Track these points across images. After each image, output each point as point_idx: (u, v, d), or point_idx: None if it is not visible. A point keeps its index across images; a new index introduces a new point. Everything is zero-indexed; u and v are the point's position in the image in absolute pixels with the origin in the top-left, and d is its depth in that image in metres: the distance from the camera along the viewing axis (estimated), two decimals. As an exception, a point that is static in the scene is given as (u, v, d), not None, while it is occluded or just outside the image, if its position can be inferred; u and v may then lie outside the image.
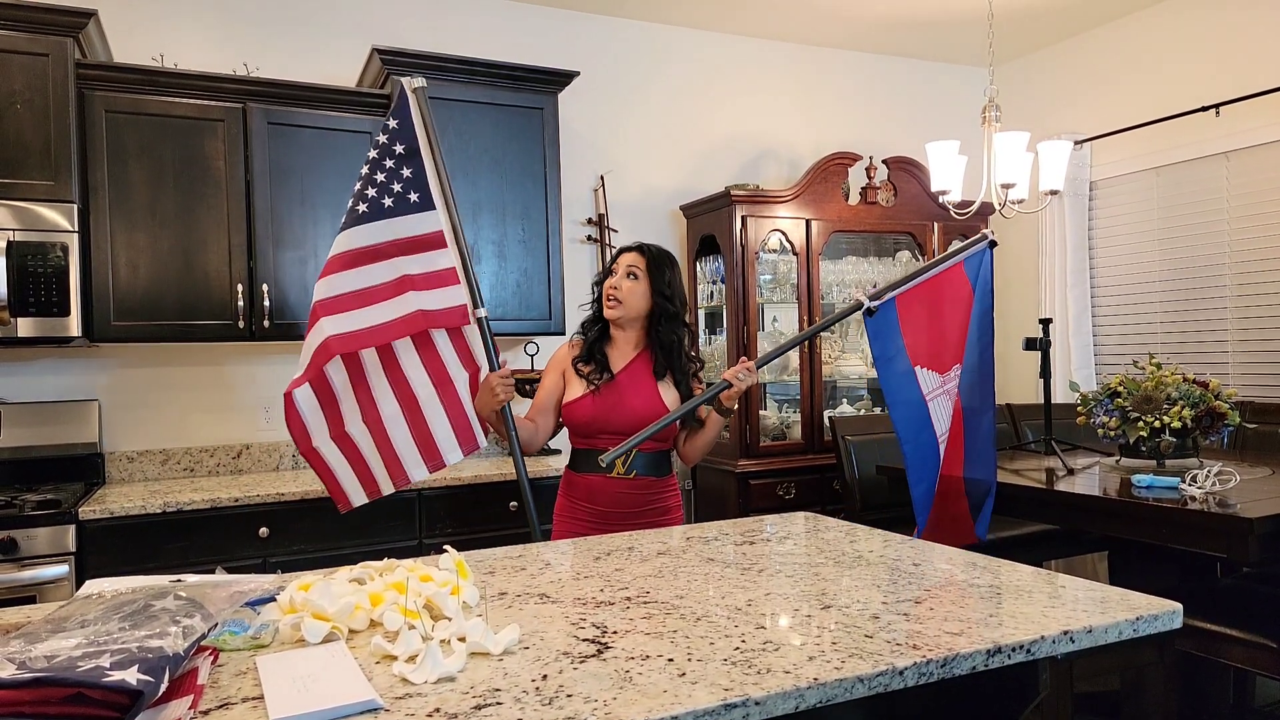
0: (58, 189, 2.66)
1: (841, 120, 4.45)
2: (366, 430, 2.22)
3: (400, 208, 2.17)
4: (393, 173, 2.18)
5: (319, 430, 2.18)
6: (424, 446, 2.20)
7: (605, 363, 2.23)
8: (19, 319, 2.61)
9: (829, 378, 4.04)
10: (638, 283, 2.21)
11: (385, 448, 2.22)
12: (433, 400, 2.19)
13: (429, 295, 2.16)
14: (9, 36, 2.61)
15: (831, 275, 4.03)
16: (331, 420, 2.20)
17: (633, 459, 2.19)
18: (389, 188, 2.17)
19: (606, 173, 3.89)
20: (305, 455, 2.21)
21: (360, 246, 2.16)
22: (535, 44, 3.75)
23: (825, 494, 3.80)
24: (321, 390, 2.17)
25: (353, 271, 2.16)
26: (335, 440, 2.20)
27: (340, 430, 2.21)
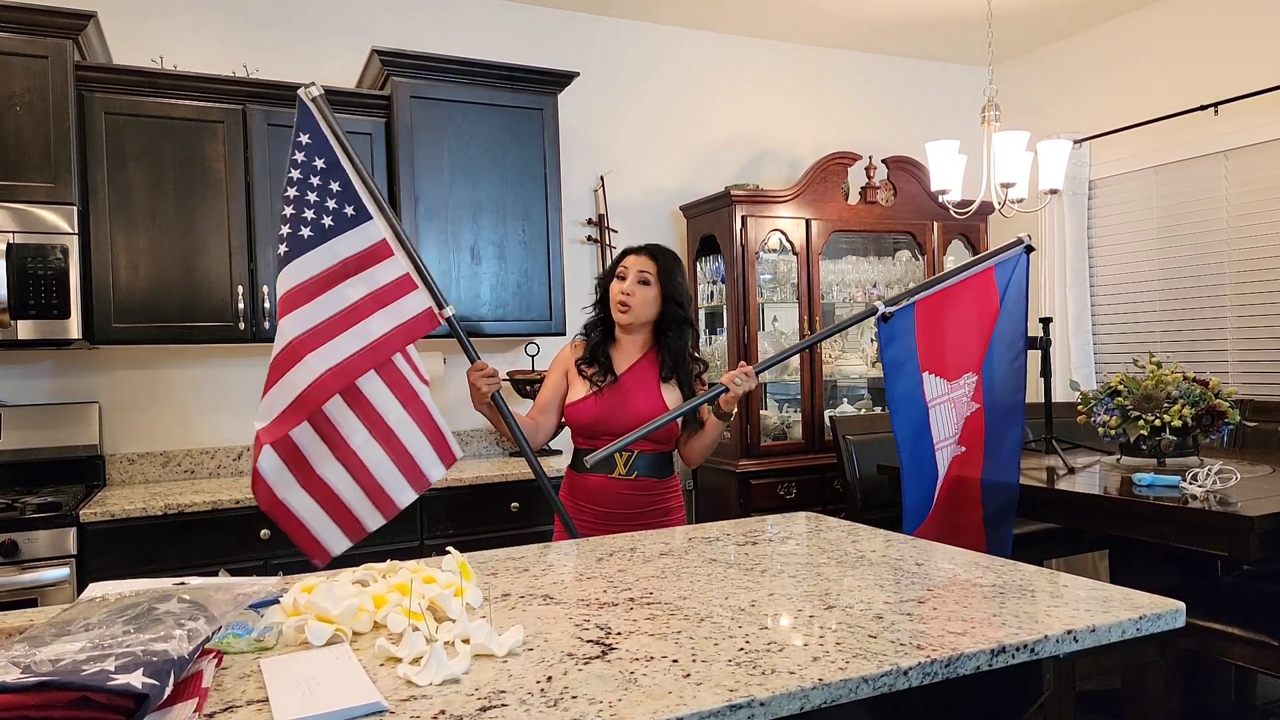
0: (57, 191, 2.66)
1: (841, 120, 4.45)
2: (342, 468, 2.03)
3: (340, 225, 2.00)
4: (322, 190, 2.01)
5: (284, 483, 1.99)
6: (406, 469, 2.08)
7: (609, 365, 2.23)
8: (19, 321, 2.61)
9: (829, 377, 4.04)
10: (649, 289, 2.20)
11: (366, 480, 2.05)
12: (404, 420, 2.06)
13: (393, 309, 2.02)
14: (8, 39, 2.61)
15: (831, 275, 4.03)
16: (297, 468, 2.01)
17: (634, 460, 2.19)
18: (324, 206, 2.00)
19: (606, 173, 3.89)
20: (268, 511, 2.00)
21: (313, 276, 1.98)
22: (535, 45, 3.75)
23: (826, 494, 3.80)
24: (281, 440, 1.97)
25: (316, 302, 1.97)
26: (305, 488, 2.01)
27: (309, 475, 2.02)
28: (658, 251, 2.24)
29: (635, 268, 2.20)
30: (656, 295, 2.20)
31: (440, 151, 3.21)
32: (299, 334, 1.96)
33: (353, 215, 2.03)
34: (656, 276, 2.20)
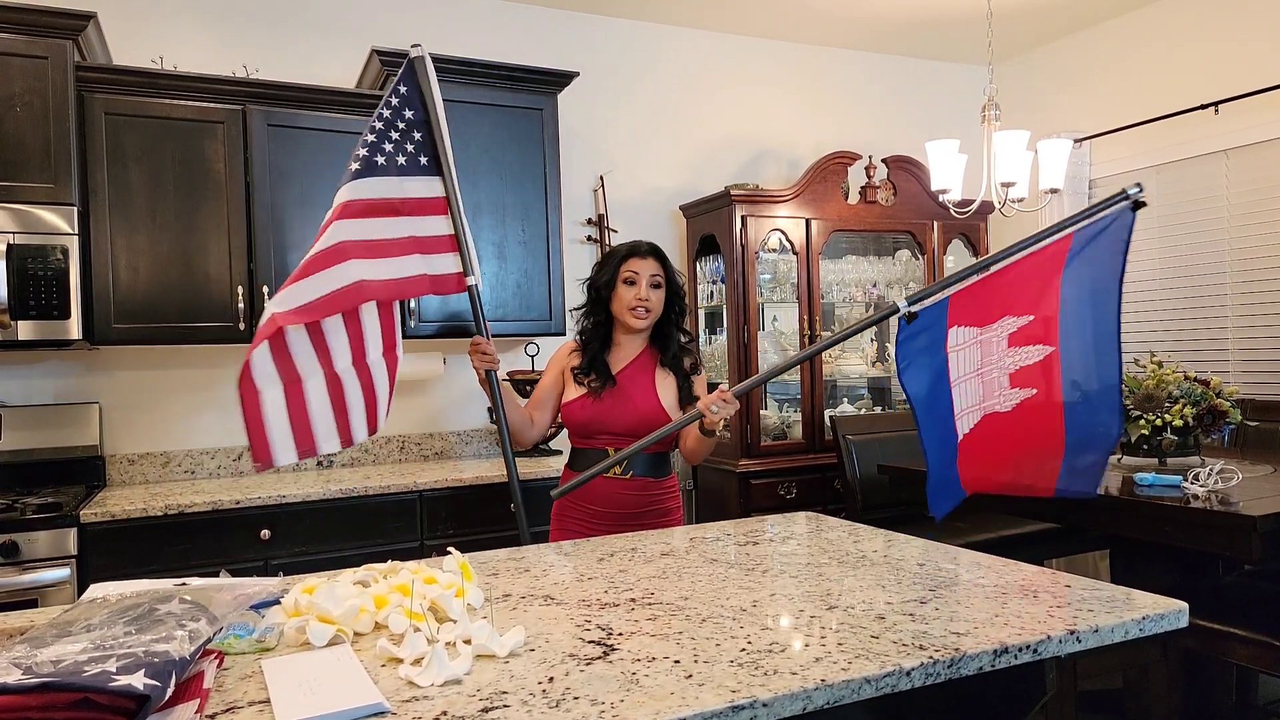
0: (57, 191, 2.66)
1: (841, 119, 4.45)
2: (323, 384, 2.10)
3: (412, 168, 2.23)
4: (405, 134, 2.23)
5: (266, 375, 2.01)
6: (369, 409, 2.20)
7: (606, 371, 2.23)
8: (19, 322, 2.60)
9: (829, 377, 4.04)
10: (660, 291, 2.23)
11: (338, 404, 2.14)
12: (379, 364, 2.21)
13: (430, 259, 2.22)
14: (8, 39, 2.60)
15: (831, 274, 4.03)
16: (283, 367, 2.03)
17: (630, 460, 2.18)
18: (404, 147, 2.22)
19: (606, 173, 3.89)
20: (242, 396, 1.99)
21: (378, 198, 2.16)
22: (535, 45, 3.75)
23: (827, 493, 3.80)
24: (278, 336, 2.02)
25: (372, 221, 2.14)
26: (284, 388, 2.04)
27: (292, 378, 2.05)
28: (660, 253, 2.27)
29: (647, 272, 2.21)
30: (663, 296, 2.24)
31: (440, 151, 3.20)
32: (351, 239, 2.09)
33: (425, 165, 2.25)
34: (665, 279, 2.24)
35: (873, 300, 4.14)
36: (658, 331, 2.27)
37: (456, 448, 3.55)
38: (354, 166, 2.17)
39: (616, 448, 2.16)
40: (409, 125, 2.24)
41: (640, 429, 2.13)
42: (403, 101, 2.25)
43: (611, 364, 2.25)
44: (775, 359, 3.97)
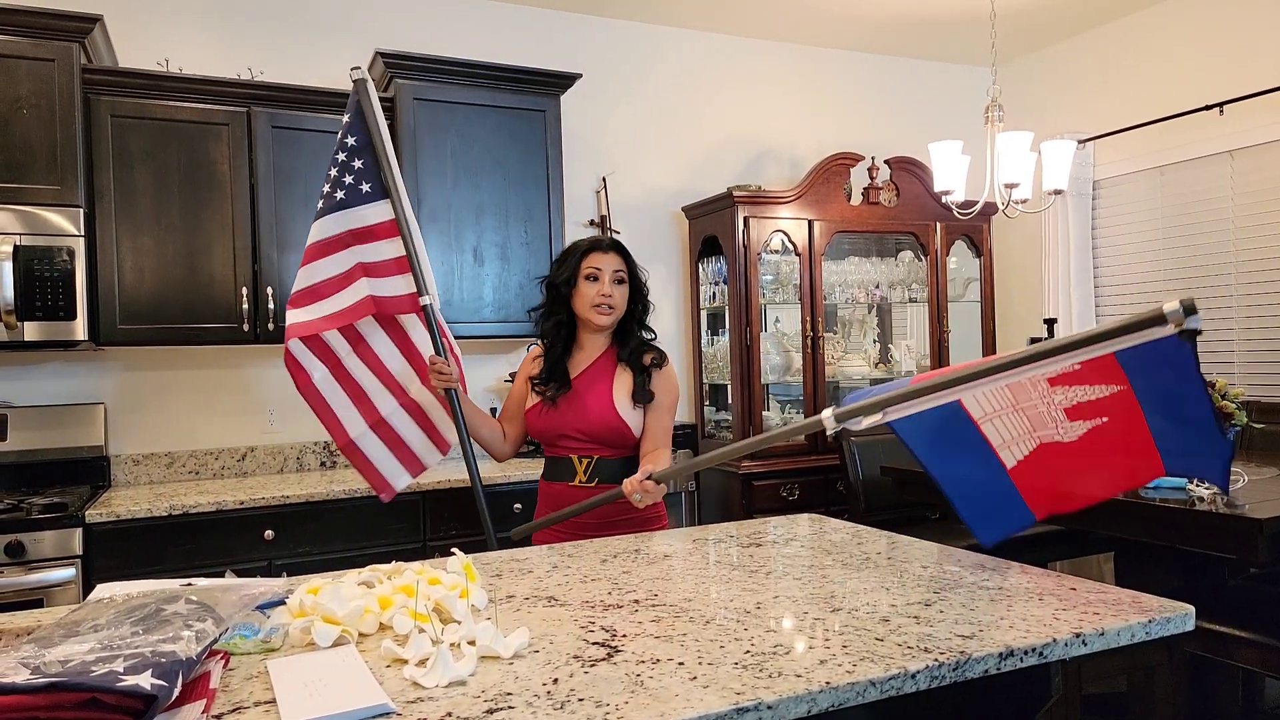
0: (64, 193, 2.67)
1: (843, 120, 4.45)
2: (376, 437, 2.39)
3: (352, 199, 2.25)
4: (344, 166, 2.26)
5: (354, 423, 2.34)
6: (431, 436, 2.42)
7: (564, 377, 2.15)
8: (25, 322, 2.61)
9: (831, 378, 4.04)
10: (624, 287, 2.15)
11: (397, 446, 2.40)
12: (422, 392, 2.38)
13: (380, 282, 2.26)
14: (15, 42, 2.61)
15: (834, 276, 4.03)
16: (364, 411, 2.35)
17: (593, 466, 2.12)
18: (342, 180, 2.26)
19: (608, 174, 3.89)
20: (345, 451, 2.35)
21: (322, 239, 2.26)
22: (537, 46, 3.75)
23: (829, 495, 3.80)
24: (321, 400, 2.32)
25: (319, 263, 2.25)
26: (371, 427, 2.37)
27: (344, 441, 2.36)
28: (623, 248, 2.18)
29: (610, 267, 2.12)
30: (626, 292, 2.16)
31: (443, 153, 3.21)
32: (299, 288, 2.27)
33: (367, 192, 2.26)
34: (628, 274, 2.16)
35: (875, 301, 4.14)
36: (619, 329, 2.18)
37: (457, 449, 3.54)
38: (319, 204, 2.29)
39: (580, 454, 2.12)
40: (350, 154, 2.27)
41: (596, 432, 2.10)
42: (346, 129, 2.28)
43: (573, 367, 2.17)
44: (778, 360, 3.97)
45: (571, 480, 2.14)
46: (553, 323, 2.18)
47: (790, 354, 3.98)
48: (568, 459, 2.15)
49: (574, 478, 2.14)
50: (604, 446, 2.12)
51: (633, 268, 2.17)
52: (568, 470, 2.15)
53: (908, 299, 4.17)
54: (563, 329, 2.18)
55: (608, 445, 2.12)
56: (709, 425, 4.11)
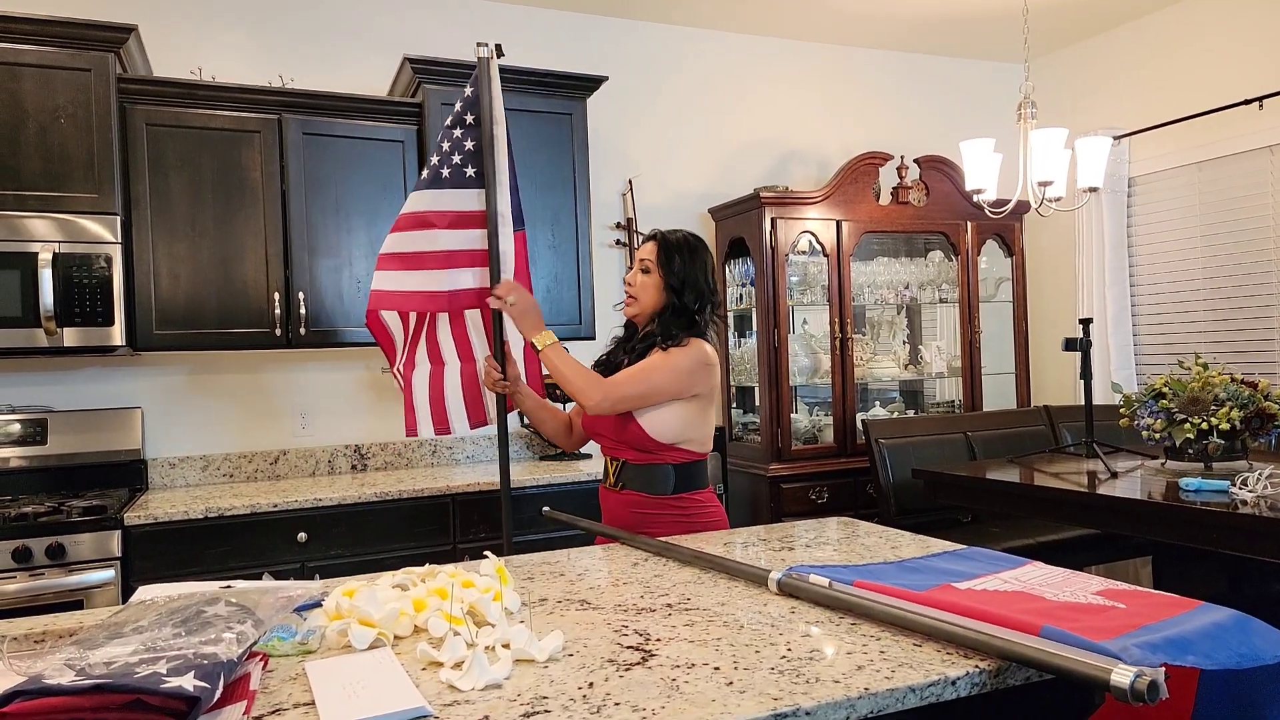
0: (101, 201, 2.72)
1: (871, 120, 4.42)
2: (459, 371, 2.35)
3: (455, 179, 2.19)
4: (458, 143, 2.20)
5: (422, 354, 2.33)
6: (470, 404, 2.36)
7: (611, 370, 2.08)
8: (65, 329, 2.67)
9: (860, 380, 4.00)
10: (650, 276, 2.03)
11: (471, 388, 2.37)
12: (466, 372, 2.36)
13: (479, 273, 2.23)
14: (52, 53, 2.67)
15: (863, 277, 4.00)
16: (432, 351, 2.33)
17: (620, 470, 2.05)
18: (450, 158, 2.19)
19: (635, 177, 3.89)
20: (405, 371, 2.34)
21: (418, 211, 2.20)
22: (562, 50, 3.76)
23: (859, 498, 3.76)
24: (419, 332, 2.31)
25: (417, 234, 2.20)
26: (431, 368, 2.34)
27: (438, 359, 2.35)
28: (662, 236, 2.06)
29: (640, 256, 2.07)
30: (657, 283, 2.02)
31: (472, 157, 3.23)
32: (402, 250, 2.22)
33: (471, 177, 2.21)
34: (656, 262, 2.03)
35: (904, 302, 4.09)
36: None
37: (489, 450, 3.57)
38: (423, 175, 2.24)
39: (613, 455, 2.08)
40: (466, 131, 2.22)
41: (613, 431, 2.01)
42: (466, 105, 2.22)
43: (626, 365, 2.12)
44: (806, 362, 3.95)
45: (605, 481, 2.12)
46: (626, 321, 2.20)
47: (818, 356, 3.95)
48: (606, 459, 2.12)
49: (607, 479, 2.12)
50: (629, 449, 2.02)
51: (667, 256, 2.02)
52: (605, 470, 2.13)
53: (938, 299, 4.13)
54: (629, 327, 2.17)
55: (632, 448, 2.01)
56: (736, 428, 4.09)
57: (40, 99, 2.66)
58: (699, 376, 1.99)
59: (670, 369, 1.96)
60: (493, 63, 2.20)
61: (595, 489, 2.22)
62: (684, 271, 2.02)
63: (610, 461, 2.10)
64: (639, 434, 1.98)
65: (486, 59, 2.19)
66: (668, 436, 1.99)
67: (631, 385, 1.96)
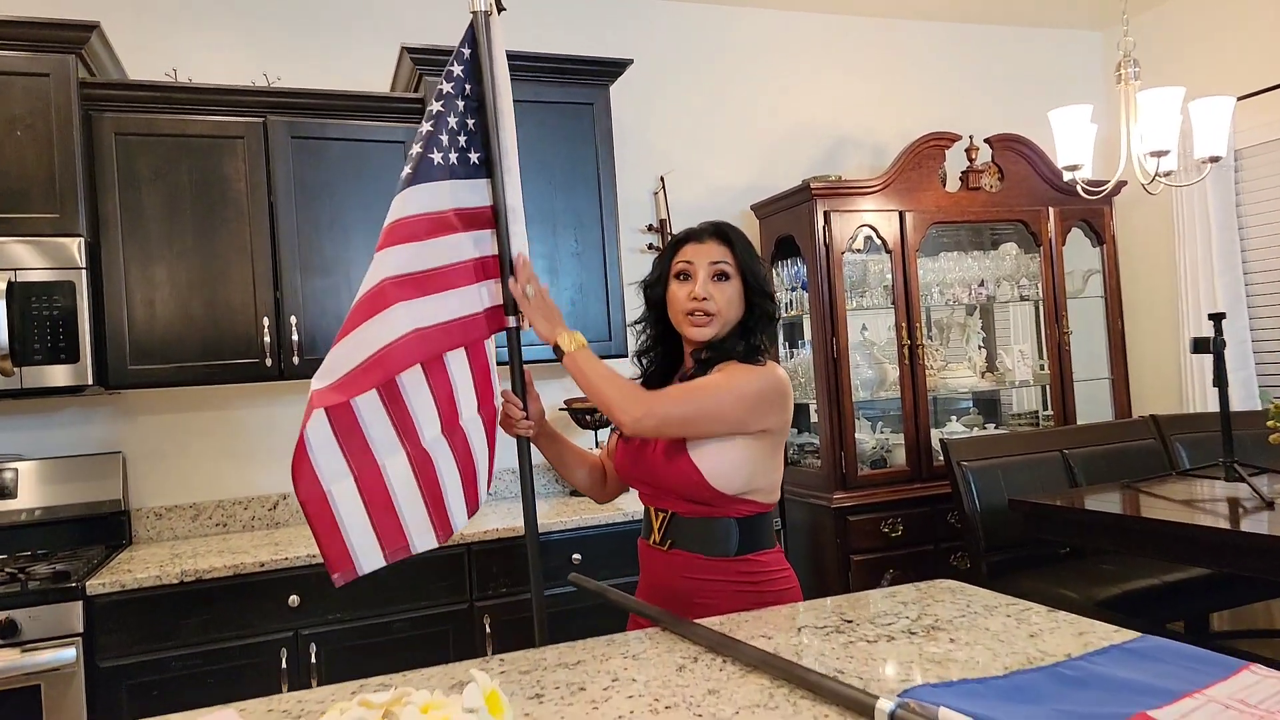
0: (63, 222, 2.40)
1: (932, 99, 3.95)
2: (407, 462, 1.59)
3: (463, 167, 1.66)
4: (461, 122, 1.67)
5: (332, 466, 1.52)
6: (467, 485, 1.68)
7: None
8: (23, 368, 2.34)
9: (933, 391, 3.52)
10: (730, 284, 1.60)
11: (430, 486, 1.62)
12: (475, 422, 1.68)
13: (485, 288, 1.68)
14: (6, 57, 2.36)
15: (930, 274, 3.53)
16: (353, 450, 1.54)
17: (667, 522, 1.62)
18: (456, 141, 1.65)
19: (667, 173, 3.48)
20: (305, 502, 1.51)
21: (427, 212, 1.60)
22: (580, 34, 3.38)
23: (939, 530, 3.28)
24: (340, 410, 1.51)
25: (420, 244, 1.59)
26: (357, 477, 1.55)
27: (366, 462, 1.55)
28: (728, 232, 1.64)
29: (704, 259, 1.60)
30: (739, 291, 1.61)
31: (482, 157, 2.85)
32: (393, 275, 1.56)
33: (475, 164, 1.68)
34: (736, 265, 1.61)
35: (979, 301, 3.61)
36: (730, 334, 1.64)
37: (511, 486, 3.17)
38: (406, 170, 1.63)
39: (657, 506, 1.65)
40: (469, 107, 1.68)
41: (664, 478, 1.59)
42: (467, 73, 1.68)
43: None
44: (870, 373, 3.48)
45: (648, 537, 1.69)
46: (650, 338, 1.70)
47: (884, 365, 3.48)
48: (647, 509, 1.69)
49: (650, 534, 1.68)
50: (679, 499, 1.59)
51: (743, 258, 1.61)
52: (647, 523, 1.69)
53: (1017, 297, 3.64)
54: (661, 346, 1.70)
55: (683, 498, 1.59)
56: (792, 450, 3.64)
57: (-9, 109, 2.35)
58: (772, 407, 1.58)
59: (736, 392, 1.54)
60: (493, 20, 1.73)
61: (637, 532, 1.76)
62: (760, 273, 1.63)
63: (655, 513, 1.66)
64: (694, 480, 1.55)
65: (485, 13, 1.71)
66: (732, 484, 1.56)
67: (684, 403, 1.53)
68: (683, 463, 1.55)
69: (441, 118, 1.66)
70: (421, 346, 1.57)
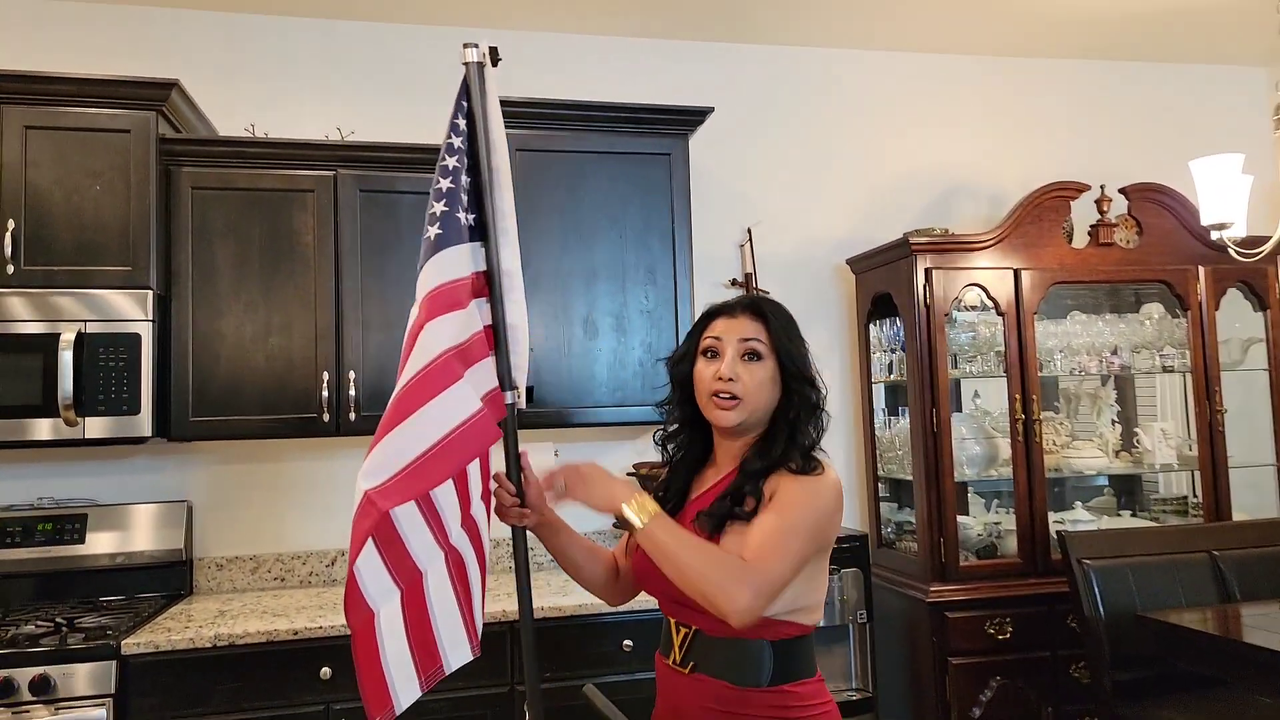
0: (134, 275, 2.44)
1: (1056, 145, 3.56)
2: (445, 565, 1.43)
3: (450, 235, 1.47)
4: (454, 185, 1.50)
5: (380, 585, 1.35)
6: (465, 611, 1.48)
7: (679, 499, 1.49)
8: (87, 418, 2.37)
9: (1054, 470, 3.09)
10: (762, 364, 1.42)
11: (463, 591, 1.47)
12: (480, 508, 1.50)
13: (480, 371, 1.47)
14: (91, 114, 2.44)
15: (1052, 339, 3.12)
16: (399, 566, 1.37)
17: (690, 641, 1.40)
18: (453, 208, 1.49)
19: (755, 224, 3.26)
20: (356, 631, 1.36)
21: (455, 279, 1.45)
22: (660, 84, 3.23)
23: (1056, 634, 2.84)
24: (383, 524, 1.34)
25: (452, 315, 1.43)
26: (404, 591, 1.39)
27: (406, 567, 1.38)
28: (763, 306, 1.46)
29: (734, 336, 1.43)
30: (774, 373, 1.42)
31: (549, 211, 2.74)
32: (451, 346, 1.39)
33: (469, 227, 1.50)
34: (770, 344, 1.43)
35: (1112, 370, 3.16)
36: (770, 433, 1.44)
37: (575, 556, 2.98)
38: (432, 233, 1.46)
39: (679, 620, 1.43)
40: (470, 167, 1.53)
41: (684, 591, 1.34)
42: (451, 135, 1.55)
43: (696, 489, 1.49)
44: (978, 449, 3.09)
45: (667, 655, 1.46)
46: (676, 421, 1.52)
47: (995, 440, 3.09)
48: (668, 621, 1.47)
49: (669, 652, 1.45)
50: (706, 615, 1.33)
51: (781, 336, 1.43)
52: (667, 639, 1.47)
53: (1159, 367, 3.16)
54: (687, 432, 1.51)
55: (709, 613, 1.34)
56: (887, 528, 3.28)
57: (77, 164, 2.43)
58: (837, 519, 1.42)
59: (817, 512, 1.36)
60: (486, 71, 1.59)
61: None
62: (801, 355, 1.44)
63: (676, 627, 1.44)
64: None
65: (478, 65, 1.58)
66: (775, 604, 1.33)
67: (784, 557, 1.30)
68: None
69: (458, 173, 1.52)
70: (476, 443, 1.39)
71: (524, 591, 1.54)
